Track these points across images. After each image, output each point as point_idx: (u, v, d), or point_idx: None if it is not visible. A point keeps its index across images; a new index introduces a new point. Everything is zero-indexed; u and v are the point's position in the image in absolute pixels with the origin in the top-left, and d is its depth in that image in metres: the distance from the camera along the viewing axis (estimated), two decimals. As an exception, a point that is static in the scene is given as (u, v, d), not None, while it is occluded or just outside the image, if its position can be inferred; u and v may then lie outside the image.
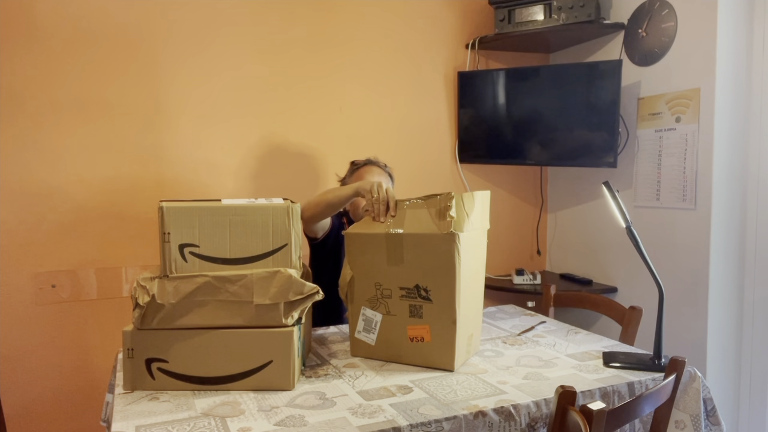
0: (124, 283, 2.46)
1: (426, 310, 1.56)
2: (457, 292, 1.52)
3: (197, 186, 2.54)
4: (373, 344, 1.64)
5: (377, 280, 1.62)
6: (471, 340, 1.65)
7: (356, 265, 1.65)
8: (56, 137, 2.33)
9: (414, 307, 1.58)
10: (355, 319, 1.66)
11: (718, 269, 2.30)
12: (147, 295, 1.41)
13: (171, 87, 2.47)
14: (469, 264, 1.59)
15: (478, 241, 1.67)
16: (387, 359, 1.64)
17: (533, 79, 2.80)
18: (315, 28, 2.68)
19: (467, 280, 1.59)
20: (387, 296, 1.61)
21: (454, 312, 1.53)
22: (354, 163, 2.26)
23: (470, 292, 1.63)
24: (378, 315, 1.63)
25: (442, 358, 1.56)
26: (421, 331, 1.58)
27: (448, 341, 1.54)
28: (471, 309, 1.64)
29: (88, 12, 2.33)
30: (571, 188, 3.03)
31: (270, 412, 1.30)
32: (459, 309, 1.54)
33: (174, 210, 1.43)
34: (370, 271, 1.62)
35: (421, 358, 1.59)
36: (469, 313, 1.63)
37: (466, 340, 1.61)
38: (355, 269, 1.65)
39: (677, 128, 2.40)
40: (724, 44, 2.24)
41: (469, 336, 1.64)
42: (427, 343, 1.57)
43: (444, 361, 1.56)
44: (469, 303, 1.62)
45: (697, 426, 1.50)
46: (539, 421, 1.34)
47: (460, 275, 1.53)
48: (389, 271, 1.59)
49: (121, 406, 1.34)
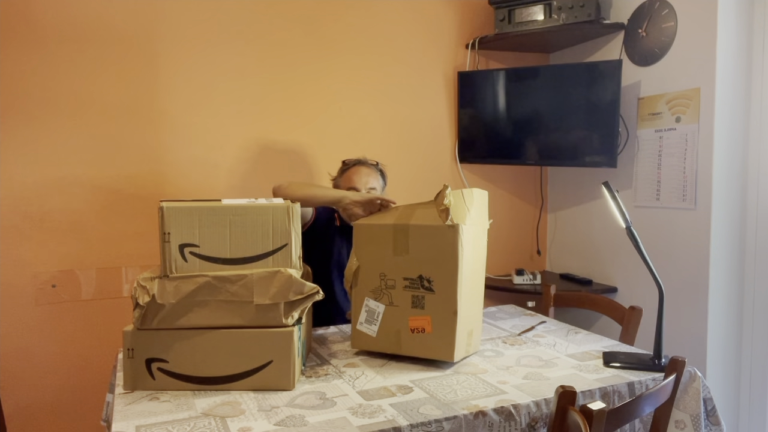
0: (124, 283, 2.46)
1: (428, 300, 1.59)
2: (459, 283, 1.56)
3: (197, 186, 2.54)
4: (374, 336, 1.67)
5: (382, 270, 1.65)
6: (471, 337, 1.66)
7: (362, 255, 1.69)
8: (56, 137, 2.33)
9: (416, 298, 1.61)
10: (358, 310, 1.69)
11: (718, 269, 2.30)
12: (147, 295, 1.41)
13: (171, 87, 2.47)
14: (470, 258, 1.62)
15: (478, 236, 1.68)
16: (387, 351, 1.66)
17: (533, 79, 2.80)
18: (315, 28, 2.68)
19: (468, 273, 1.61)
20: (391, 287, 1.65)
21: (455, 302, 1.56)
22: (345, 163, 2.25)
23: (471, 288, 1.64)
24: (381, 306, 1.66)
25: (442, 349, 1.58)
26: (423, 322, 1.60)
27: (449, 332, 1.56)
28: (471, 305, 1.65)
29: (87, 12, 2.33)
30: (571, 188, 3.03)
31: (270, 412, 1.30)
32: (460, 300, 1.56)
33: (174, 210, 1.43)
34: (376, 262, 1.66)
35: (421, 349, 1.61)
36: (470, 309, 1.64)
37: (466, 335, 1.62)
38: (361, 259, 1.69)
39: (677, 128, 2.40)
40: (724, 44, 2.24)
41: (469, 332, 1.64)
42: (428, 334, 1.60)
43: (444, 353, 1.58)
44: (470, 298, 1.64)
45: (697, 426, 1.50)
46: (539, 421, 1.34)
47: (462, 267, 1.56)
48: (394, 262, 1.64)
49: (122, 406, 1.34)
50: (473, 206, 1.65)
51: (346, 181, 2.17)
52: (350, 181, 2.16)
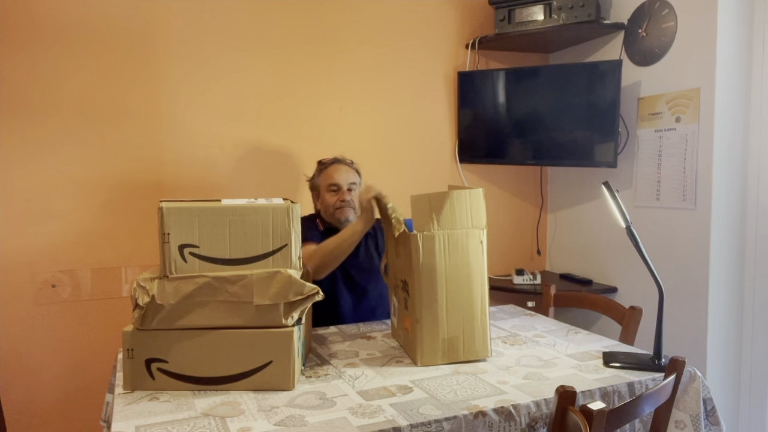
0: (124, 283, 2.46)
1: (409, 303, 1.66)
2: (420, 291, 1.58)
3: (197, 186, 2.54)
4: (395, 327, 1.84)
5: (394, 270, 1.80)
6: (453, 344, 1.61)
7: (387, 254, 1.88)
8: (56, 137, 2.33)
9: (405, 300, 1.70)
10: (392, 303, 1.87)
11: (718, 269, 2.30)
12: (147, 295, 1.40)
13: (170, 87, 2.47)
14: (441, 264, 1.59)
15: (459, 241, 1.61)
16: (399, 342, 1.80)
17: (533, 79, 2.80)
18: (315, 29, 2.68)
19: (442, 280, 1.59)
20: (397, 286, 1.79)
21: (419, 310, 1.59)
22: (321, 163, 2.25)
23: (452, 295, 1.60)
24: (395, 301, 1.82)
25: (413, 351, 1.64)
26: (408, 322, 1.68)
27: (418, 336, 1.61)
28: (453, 313, 1.61)
29: (87, 12, 2.33)
30: (571, 188, 3.03)
31: (270, 412, 1.30)
32: (426, 308, 1.58)
33: (174, 210, 1.43)
34: (392, 262, 1.82)
35: (407, 347, 1.71)
36: (450, 317, 1.60)
37: (442, 342, 1.60)
38: (388, 257, 1.86)
39: (677, 128, 2.40)
40: (724, 44, 2.24)
41: (449, 339, 1.60)
42: (410, 333, 1.66)
43: (413, 355, 1.64)
44: (451, 306, 1.60)
45: (697, 426, 1.50)
46: (539, 421, 1.34)
47: (422, 274, 1.58)
48: (397, 263, 1.77)
49: (121, 406, 1.34)
50: (451, 211, 1.61)
51: (326, 178, 2.18)
52: (330, 178, 2.16)
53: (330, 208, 2.15)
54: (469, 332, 1.63)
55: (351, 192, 2.16)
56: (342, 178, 2.16)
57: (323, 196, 2.18)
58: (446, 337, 1.61)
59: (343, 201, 2.13)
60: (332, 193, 2.16)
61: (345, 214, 2.12)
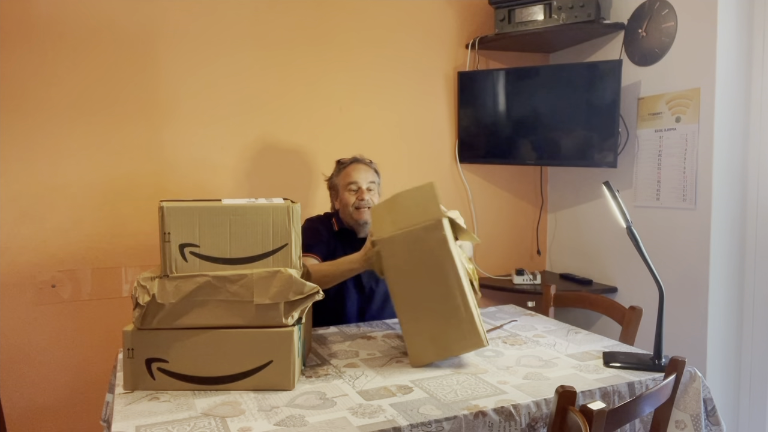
0: (124, 283, 2.46)
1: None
2: (393, 294, 1.63)
3: (197, 185, 2.54)
4: None
5: None
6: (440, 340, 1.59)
7: None
8: (56, 137, 2.33)
9: None
10: None
11: (718, 269, 2.30)
12: (147, 294, 1.41)
13: (170, 87, 2.47)
14: (412, 263, 1.59)
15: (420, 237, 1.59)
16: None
17: (533, 79, 2.80)
18: (315, 29, 2.67)
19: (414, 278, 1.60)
20: None
21: (399, 313, 1.63)
22: (340, 162, 2.25)
23: (426, 291, 1.59)
24: None
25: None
26: None
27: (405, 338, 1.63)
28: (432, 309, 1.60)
29: (87, 12, 2.33)
30: (571, 188, 3.03)
31: (270, 412, 1.30)
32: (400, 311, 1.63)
33: (174, 210, 1.43)
34: None
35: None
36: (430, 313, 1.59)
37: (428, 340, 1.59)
38: None
39: (677, 128, 2.40)
40: (724, 44, 2.24)
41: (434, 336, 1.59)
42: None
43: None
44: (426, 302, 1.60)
45: (697, 426, 1.50)
46: (539, 421, 1.34)
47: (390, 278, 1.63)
48: None
49: (121, 405, 1.34)
50: (405, 210, 1.64)
51: (345, 177, 2.17)
52: (349, 176, 2.16)
53: (349, 208, 2.15)
54: (455, 325, 1.58)
55: (370, 191, 2.16)
56: (361, 177, 2.16)
57: (342, 195, 2.18)
58: (430, 334, 1.59)
59: (362, 200, 2.13)
60: (351, 192, 2.15)
61: (363, 216, 2.12)
